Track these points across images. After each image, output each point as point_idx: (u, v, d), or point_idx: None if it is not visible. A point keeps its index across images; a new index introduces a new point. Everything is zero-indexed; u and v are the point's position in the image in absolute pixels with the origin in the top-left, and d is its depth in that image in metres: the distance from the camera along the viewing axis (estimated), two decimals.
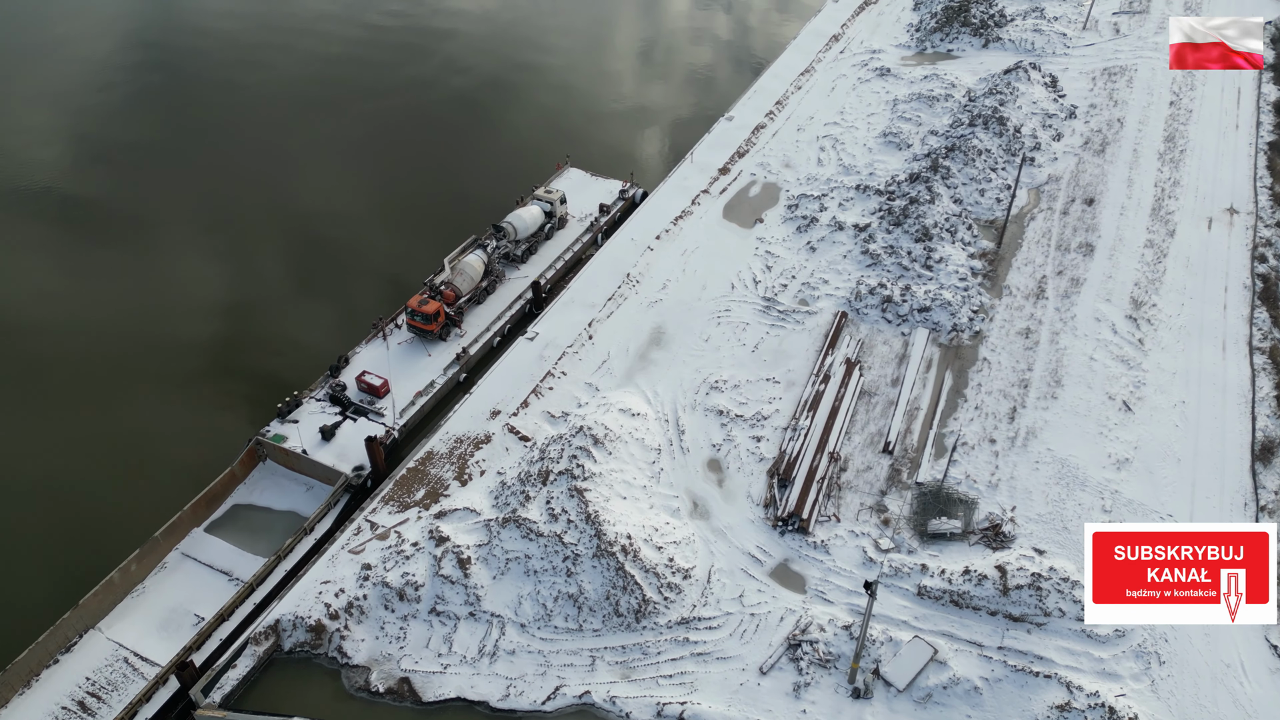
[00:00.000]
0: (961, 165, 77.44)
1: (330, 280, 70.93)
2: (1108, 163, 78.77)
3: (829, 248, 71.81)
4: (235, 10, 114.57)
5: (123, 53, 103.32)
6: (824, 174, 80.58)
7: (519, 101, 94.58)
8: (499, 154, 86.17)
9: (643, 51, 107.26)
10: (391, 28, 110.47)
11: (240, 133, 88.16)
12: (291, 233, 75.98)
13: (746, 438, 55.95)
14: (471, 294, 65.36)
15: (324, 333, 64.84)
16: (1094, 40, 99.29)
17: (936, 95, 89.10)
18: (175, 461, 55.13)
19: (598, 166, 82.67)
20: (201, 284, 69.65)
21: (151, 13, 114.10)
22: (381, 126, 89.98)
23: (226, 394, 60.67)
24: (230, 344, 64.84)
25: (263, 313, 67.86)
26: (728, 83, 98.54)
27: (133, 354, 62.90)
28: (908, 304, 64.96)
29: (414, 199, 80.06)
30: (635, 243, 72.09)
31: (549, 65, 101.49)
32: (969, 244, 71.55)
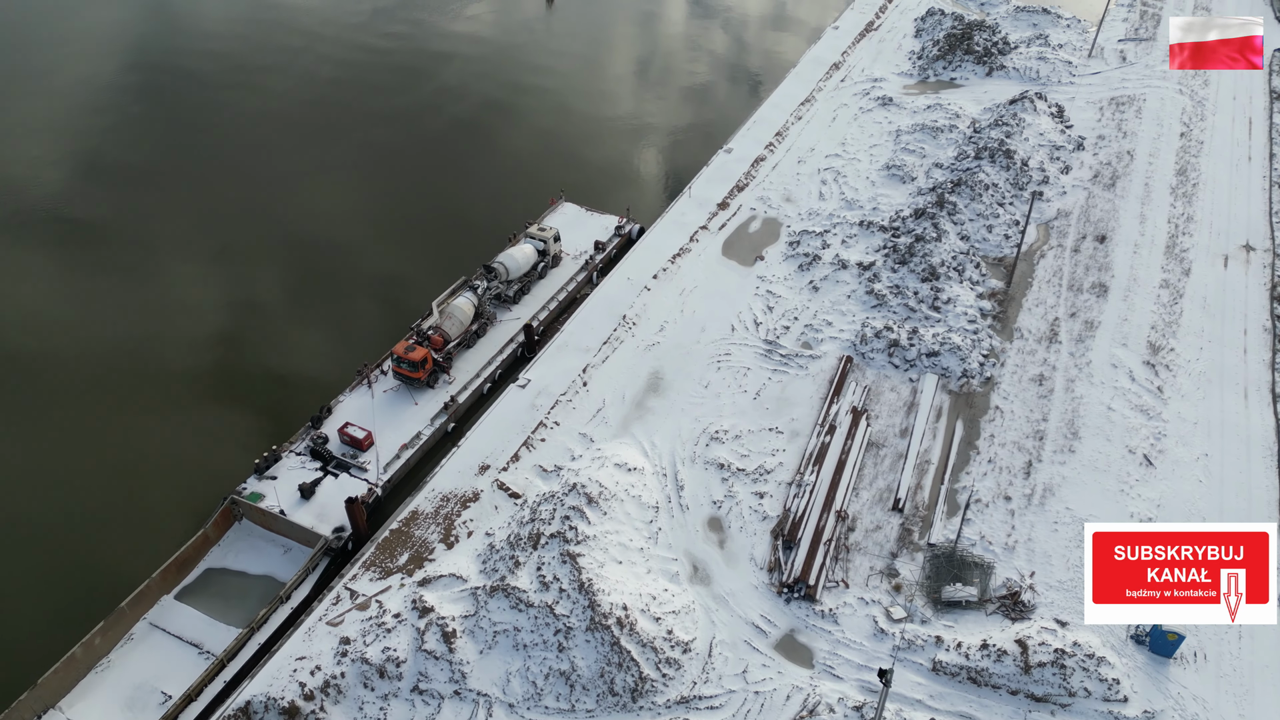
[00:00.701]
0: (968, 200, 75.06)
1: (324, 309, 69.53)
2: (1119, 197, 76.41)
3: (832, 287, 69.27)
4: (231, 32, 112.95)
5: (118, 75, 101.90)
6: (826, 209, 78.17)
7: (513, 133, 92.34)
8: (492, 188, 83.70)
9: (639, 81, 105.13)
10: (389, 50, 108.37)
11: (233, 158, 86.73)
12: (285, 259, 74.60)
13: (749, 494, 53.18)
14: (461, 338, 62.73)
15: (320, 361, 64.13)
16: (1100, 68, 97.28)
17: (940, 126, 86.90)
18: (168, 499, 53.88)
19: (593, 201, 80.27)
20: (194, 310, 68.51)
21: (147, 36, 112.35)
22: (375, 156, 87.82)
23: (223, 425, 59.26)
24: (224, 374, 63.75)
25: (256, 342, 66.63)
26: (726, 113, 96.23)
27: (127, 382, 62.08)
28: (915, 348, 62.36)
29: (406, 234, 77.67)
30: (632, 282, 69.51)
31: (543, 94, 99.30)
32: (977, 283, 69.05)
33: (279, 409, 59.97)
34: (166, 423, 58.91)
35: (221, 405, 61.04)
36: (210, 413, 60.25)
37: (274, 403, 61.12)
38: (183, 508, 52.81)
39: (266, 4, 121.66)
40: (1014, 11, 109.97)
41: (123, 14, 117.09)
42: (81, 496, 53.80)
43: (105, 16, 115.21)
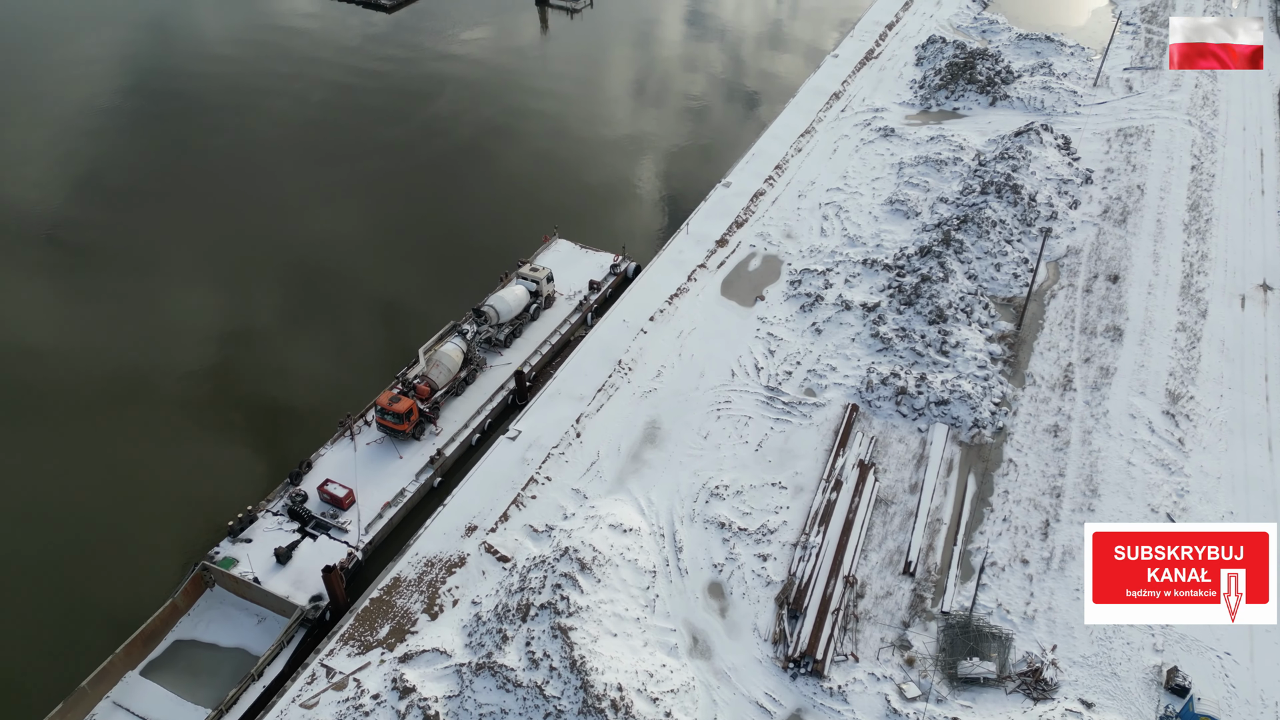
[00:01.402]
0: (975, 238, 72.63)
1: (317, 338, 68.26)
2: (1130, 234, 74.02)
3: (836, 329, 66.65)
4: (229, 55, 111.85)
5: (115, 98, 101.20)
6: (828, 245, 75.69)
7: (507, 163, 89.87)
8: (485, 221, 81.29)
9: (636, 111, 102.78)
10: (386, 74, 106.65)
11: (228, 183, 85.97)
12: (278, 285, 73.69)
13: (751, 556, 50.32)
14: (449, 386, 59.94)
15: (310, 393, 63.22)
16: (1106, 98, 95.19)
17: (944, 158, 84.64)
18: (157, 536, 52.57)
19: (588, 237, 77.75)
20: (187, 337, 67.86)
21: (145, 59, 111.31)
22: (370, 183, 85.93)
23: (216, 457, 57.85)
24: (216, 402, 62.56)
25: (248, 370, 65.51)
26: (724, 144, 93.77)
27: (117, 407, 61.22)
28: (924, 396, 59.68)
29: (399, 268, 75.09)
30: (627, 325, 66.86)
31: (536, 125, 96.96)
32: (986, 325, 66.52)
33: (271, 439, 59.40)
34: (159, 453, 57.86)
35: (213, 436, 59.58)
36: (204, 443, 58.89)
37: (267, 432, 60.22)
38: (172, 543, 51.74)
39: (264, 27, 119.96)
40: (1016, 39, 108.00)
41: (120, 37, 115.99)
42: (65, 532, 52.50)
43: (103, 40, 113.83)
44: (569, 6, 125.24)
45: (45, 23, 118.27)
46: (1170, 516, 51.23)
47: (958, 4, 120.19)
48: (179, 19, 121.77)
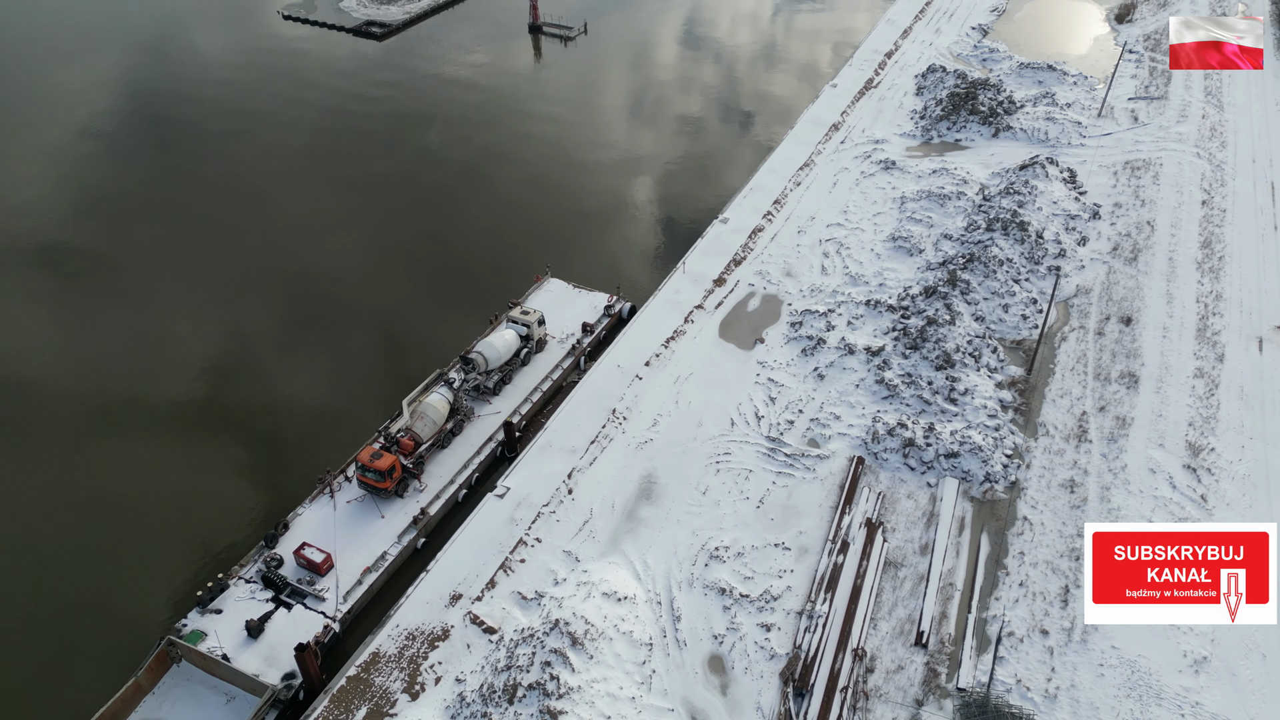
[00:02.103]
0: (982, 278, 70.19)
1: (306, 368, 66.57)
2: (1142, 273, 71.59)
3: (839, 375, 63.98)
4: (225, 79, 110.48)
5: (112, 120, 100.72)
6: (829, 284, 73.17)
7: (497, 199, 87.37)
8: (474, 261, 78.60)
9: (631, 143, 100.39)
10: (374, 106, 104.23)
11: (221, 207, 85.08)
12: (264, 317, 71.85)
13: (754, 625, 47.36)
14: (434, 438, 57.04)
15: (302, 429, 61.43)
16: (1111, 129, 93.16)
17: (947, 193, 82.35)
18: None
19: (582, 276, 75.13)
20: (174, 362, 66.55)
21: (145, 79, 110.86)
22: (362, 213, 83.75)
23: (203, 497, 55.78)
24: (207, 427, 61.20)
25: (236, 397, 64.16)
26: (721, 179, 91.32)
27: (104, 430, 60.36)
28: (933, 448, 56.94)
29: (384, 315, 72.29)
30: (622, 370, 64.10)
31: (529, 157, 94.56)
32: (995, 370, 63.91)
33: (256, 477, 58.01)
34: (141, 488, 56.41)
35: (200, 471, 57.77)
36: (190, 477, 57.27)
37: (252, 469, 58.62)
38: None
39: (255, 54, 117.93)
40: (1018, 68, 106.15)
41: (119, 60, 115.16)
42: (33, 578, 50.66)
43: (94, 68, 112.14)
44: (562, 34, 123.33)
45: (34, 51, 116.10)
46: None
47: (957, 32, 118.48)
48: (169, 47, 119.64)
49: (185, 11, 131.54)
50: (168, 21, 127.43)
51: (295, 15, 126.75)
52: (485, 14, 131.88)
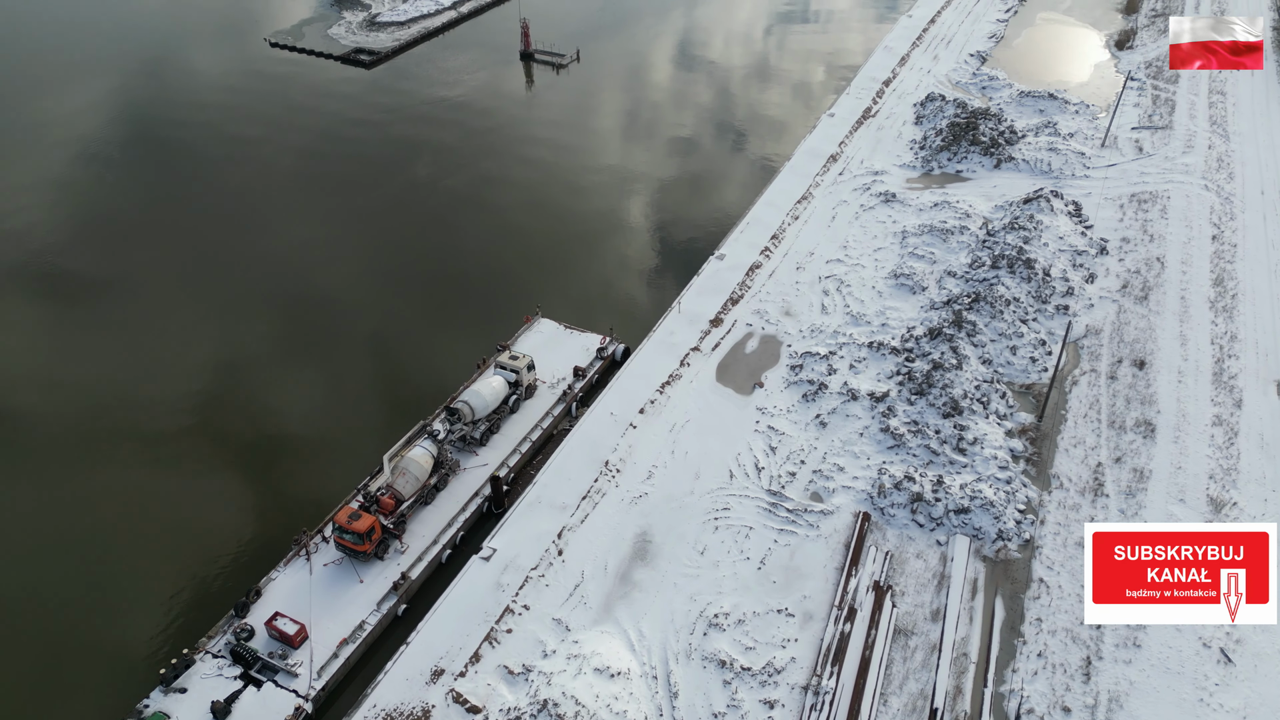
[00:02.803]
0: (988, 318, 67.69)
1: (284, 427, 63.17)
2: (1153, 313, 69.15)
3: (842, 422, 61.24)
4: (220, 102, 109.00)
5: (108, 145, 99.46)
6: (830, 324, 70.57)
7: (486, 233, 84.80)
8: (462, 299, 75.90)
9: (623, 174, 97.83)
10: (361, 136, 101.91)
11: (211, 232, 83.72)
12: (244, 356, 69.37)
13: (756, 702, 44.37)
14: (417, 495, 54.08)
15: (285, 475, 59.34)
16: (1115, 160, 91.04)
17: (950, 227, 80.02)
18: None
19: (573, 316, 72.46)
20: (150, 406, 63.97)
21: (138, 103, 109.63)
22: (342, 258, 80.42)
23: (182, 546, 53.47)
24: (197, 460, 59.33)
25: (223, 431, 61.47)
26: (717, 213, 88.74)
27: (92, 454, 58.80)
28: (942, 503, 54.16)
29: (370, 357, 69.52)
30: (615, 418, 61.31)
31: (519, 190, 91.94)
32: (1005, 417, 61.23)
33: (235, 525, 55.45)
34: (117, 529, 54.48)
35: (180, 518, 55.37)
36: (171, 522, 55.11)
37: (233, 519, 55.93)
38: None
39: (248, 78, 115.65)
40: (1018, 96, 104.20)
41: (100, 89, 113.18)
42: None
43: (82, 93, 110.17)
44: (555, 61, 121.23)
45: (14, 80, 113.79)
46: (1225, 653, 45.61)
47: (955, 59, 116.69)
48: (151, 76, 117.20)
49: (169, 39, 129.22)
50: (150, 49, 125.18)
51: (283, 43, 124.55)
52: (476, 41, 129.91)
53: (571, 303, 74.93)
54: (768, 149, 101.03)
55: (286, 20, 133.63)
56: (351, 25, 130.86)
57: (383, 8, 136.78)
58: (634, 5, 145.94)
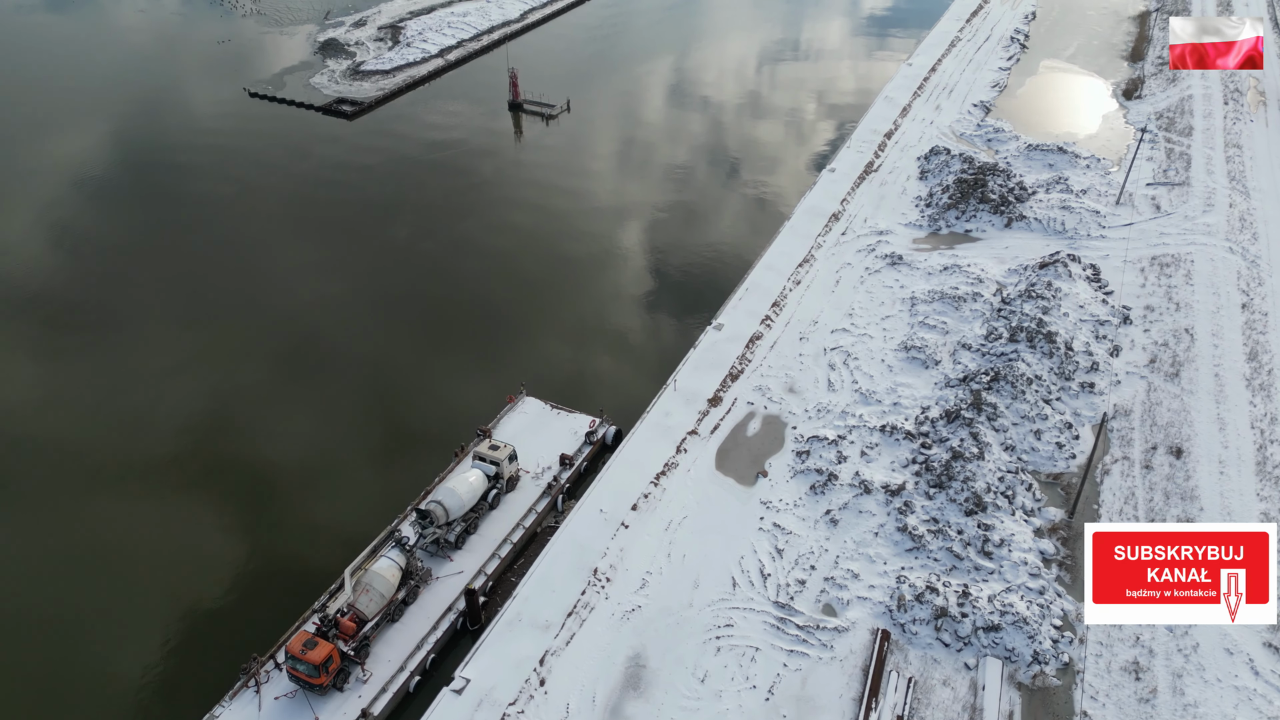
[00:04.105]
0: (1009, 399, 62.58)
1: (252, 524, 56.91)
2: (1187, 393, 64.08)
3: (854, 520, 55.80)
4: (181, 161, 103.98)
5: (105, 171, 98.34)
6: (838, 403, 65.36)
7: (467, 299, 79.65)
8: (441, 375, 70.55)
9: (615, 233, 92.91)
10: (341, 191, 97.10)
11: (197, 275, 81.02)
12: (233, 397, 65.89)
13: None
14: (383, 612, 48.28)
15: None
16: (1132, 218, 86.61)
17: (962, 294, 75.23)
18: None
19: (560, 393, 67.17)
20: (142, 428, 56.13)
21: (136, 131, 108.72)
22: (311, 327, 74.96)
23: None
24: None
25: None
26: (714, 277, 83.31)
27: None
28: (969, 619, 48.59)
29: (338, 444, 63.96)
30: (605, 516, 55.74)
31: (503, 252, 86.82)
32: (1032, 513, 55.89)
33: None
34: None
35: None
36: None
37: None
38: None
39: (222, 131, 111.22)
40: (1026, 150, 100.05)
41: (114, 111, 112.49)
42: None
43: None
44: (544, 112, 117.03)
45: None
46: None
47: (958, 110, 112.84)
48: (114, 129, 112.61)
49: (138, 87, 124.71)
50: (115, 97, 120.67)
51: (262, 93, 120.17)
52: (463, 91, 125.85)
53: (559, 378, 69.77)
54: (766, 208, 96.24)
55: (269, 69, 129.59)
56: (335, 74, 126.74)
57: (368, 55, 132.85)
58: (625, 53, 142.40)
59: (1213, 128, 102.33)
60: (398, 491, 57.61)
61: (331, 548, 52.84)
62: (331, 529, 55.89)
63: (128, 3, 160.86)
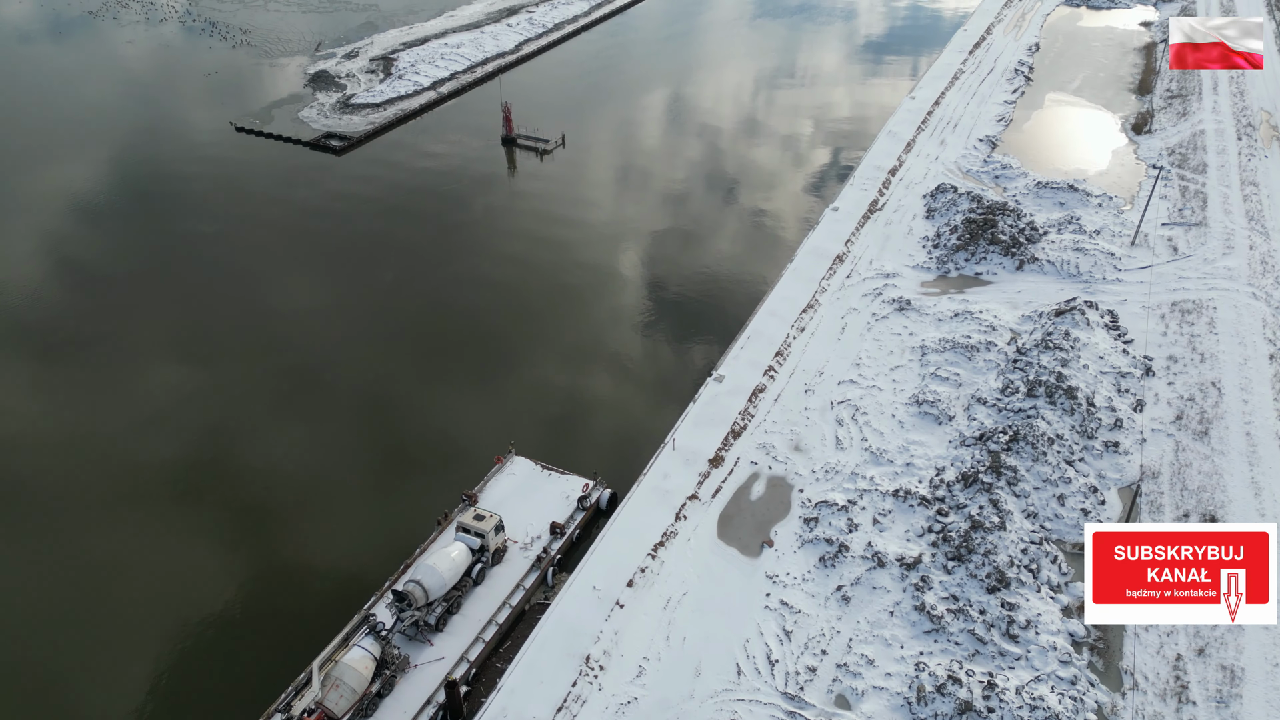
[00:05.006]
0: (1030, 461, 58.75)
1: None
2: (1217, 454, 60.26)
3: (868, 596, 51.79)
4: (188, 180, 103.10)
5: (102, 197, 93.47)
6: (846, 463, 61.51)
7: (453, 350, 75.86)
8: (424, 434, 66.64)
9: (609, 277, 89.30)
10: (323, 229, 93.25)
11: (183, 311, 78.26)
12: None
13: None
14: (355, 708, 44.11)
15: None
16: (1149, 260, 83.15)
17: (975, 343, 71.61)
18: None
19: (552, 451, 63.36)
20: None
21: (135, 157, 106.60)
22: (288, 379, 71.14)
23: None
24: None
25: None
26: (714, 323, 79.65)
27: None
28: (996, 715, 44.44)
29: (309, 508, 59.92)
30: (599, 594, 51.70)
31: (491, 298, 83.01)
32: (1059, 590, 51.93)
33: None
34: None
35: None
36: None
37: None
38: None
39: (213, 163, 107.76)
40: (1035, 188, 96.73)
41: (94, 147, 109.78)
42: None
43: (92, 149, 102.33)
44: (538, 147, 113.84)
45: None
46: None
47: (963, 145, 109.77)
48: (108, 156, 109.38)
49: (120, 122, 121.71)
50: (96, 132, 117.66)
51: (248, 127, 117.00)
52: (456, 125, 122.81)
53: (551, 433, 66.06)
54: (768, 249, 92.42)
55: (258, 101, 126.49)
56: (324, 107, 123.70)
57: (359, 88, 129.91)
58: (621, 85, 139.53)
59: (1227, 164, 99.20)
60: (379, 562, 53.59)
61: (292, 635, 48.67)
62: (301, 606, 51.75)
63: (115, 34, 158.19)
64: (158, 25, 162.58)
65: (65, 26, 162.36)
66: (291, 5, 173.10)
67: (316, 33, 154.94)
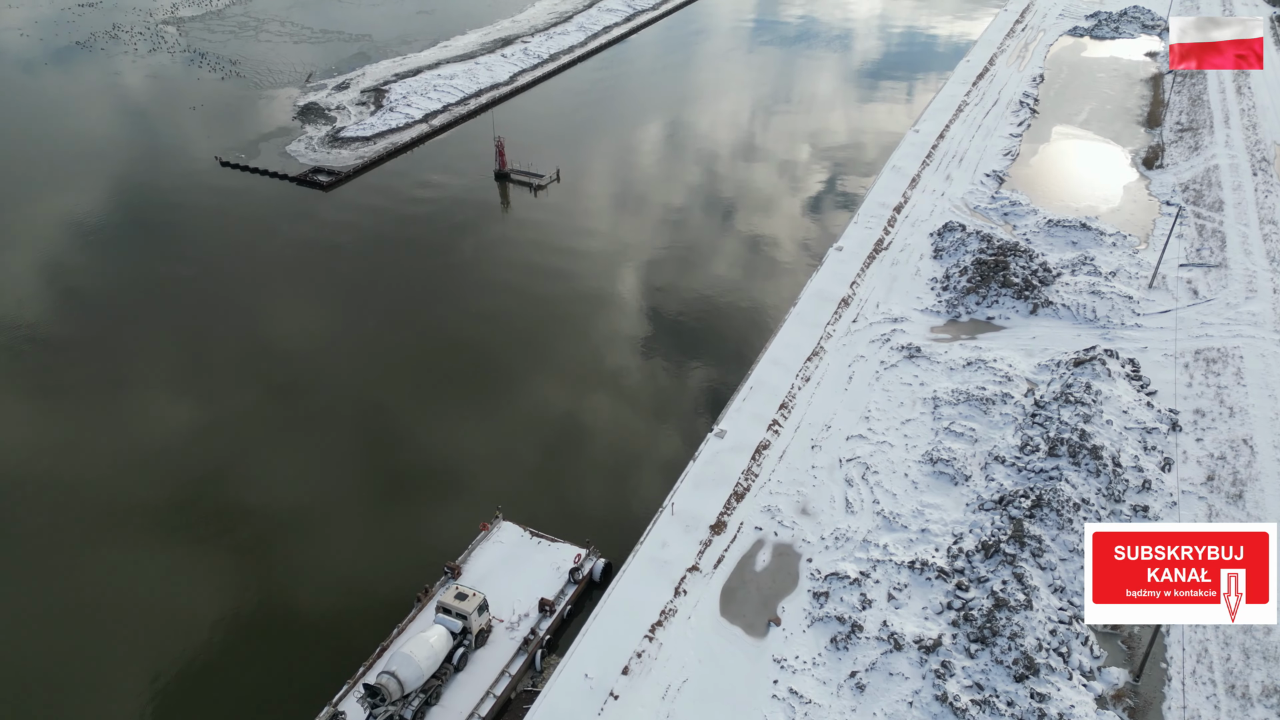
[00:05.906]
0: (1055, 530, 54.77)
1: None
2: (1253, 519, 56.21)
3: (884, 684, 47.59)
4: (194, 203, 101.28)
5: (98, 219, 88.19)
6: (858, 529, 57.50)
7: (437, 408, 71.94)
8: (404, 500, 62.58)
9: (605, 322, 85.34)
10: (305, 270, 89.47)
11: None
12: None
13: None
14: None
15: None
16: (1168, 305, 79.57)
17: (990, 395, 67.81)
18: None
19: (542, 516, 59.32)
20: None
21: (90, 208, 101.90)
22: (266, 433, 67.12)
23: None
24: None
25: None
26: (713, 373, 75.83)
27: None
28: None
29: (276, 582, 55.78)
30: (591, 683, 47.47)
31: (477, 352, 78.49)
32: (1092, 675, 47.76)
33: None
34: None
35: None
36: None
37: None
38: None
39: (196, 200, 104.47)
40: (1046, 226, 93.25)
41: (74, 182, 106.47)
42: None
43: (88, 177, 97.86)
44: (533, 182, 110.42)
45: None
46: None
47: (970, 180, 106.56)
48: (87, 193, 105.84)
49: (102, 156, 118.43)
50: (77, 167, 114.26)
51: (234, 162, 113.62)
52: (447, 159, 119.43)
53: (541, 496, 62.02)
54: (770, 292, 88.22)
55: (245, 135, 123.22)
56: (313, 141, 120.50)
57: (349, 120, 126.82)
58: (616, 118, 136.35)
59: (1244, 201, 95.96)
60: (354, 646, 49.37)
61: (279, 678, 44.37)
62: (275, 692, 47.45)
63: (102, 65, 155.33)
64: (146, 56, 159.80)
65: (52, 57, 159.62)
66: (284, 35, 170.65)
67: (308, 63, 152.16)
